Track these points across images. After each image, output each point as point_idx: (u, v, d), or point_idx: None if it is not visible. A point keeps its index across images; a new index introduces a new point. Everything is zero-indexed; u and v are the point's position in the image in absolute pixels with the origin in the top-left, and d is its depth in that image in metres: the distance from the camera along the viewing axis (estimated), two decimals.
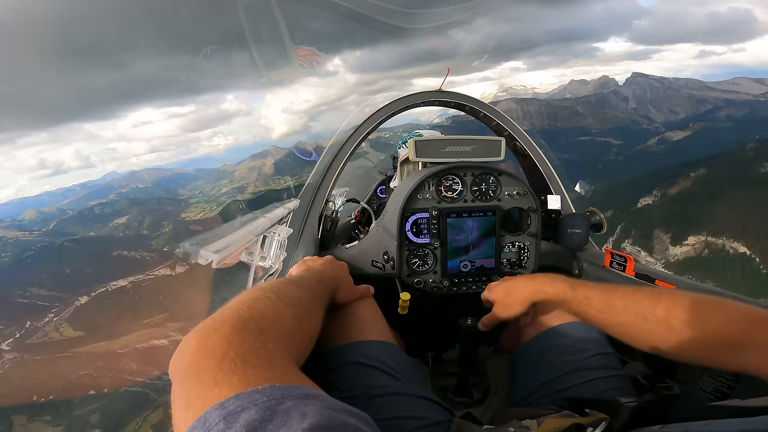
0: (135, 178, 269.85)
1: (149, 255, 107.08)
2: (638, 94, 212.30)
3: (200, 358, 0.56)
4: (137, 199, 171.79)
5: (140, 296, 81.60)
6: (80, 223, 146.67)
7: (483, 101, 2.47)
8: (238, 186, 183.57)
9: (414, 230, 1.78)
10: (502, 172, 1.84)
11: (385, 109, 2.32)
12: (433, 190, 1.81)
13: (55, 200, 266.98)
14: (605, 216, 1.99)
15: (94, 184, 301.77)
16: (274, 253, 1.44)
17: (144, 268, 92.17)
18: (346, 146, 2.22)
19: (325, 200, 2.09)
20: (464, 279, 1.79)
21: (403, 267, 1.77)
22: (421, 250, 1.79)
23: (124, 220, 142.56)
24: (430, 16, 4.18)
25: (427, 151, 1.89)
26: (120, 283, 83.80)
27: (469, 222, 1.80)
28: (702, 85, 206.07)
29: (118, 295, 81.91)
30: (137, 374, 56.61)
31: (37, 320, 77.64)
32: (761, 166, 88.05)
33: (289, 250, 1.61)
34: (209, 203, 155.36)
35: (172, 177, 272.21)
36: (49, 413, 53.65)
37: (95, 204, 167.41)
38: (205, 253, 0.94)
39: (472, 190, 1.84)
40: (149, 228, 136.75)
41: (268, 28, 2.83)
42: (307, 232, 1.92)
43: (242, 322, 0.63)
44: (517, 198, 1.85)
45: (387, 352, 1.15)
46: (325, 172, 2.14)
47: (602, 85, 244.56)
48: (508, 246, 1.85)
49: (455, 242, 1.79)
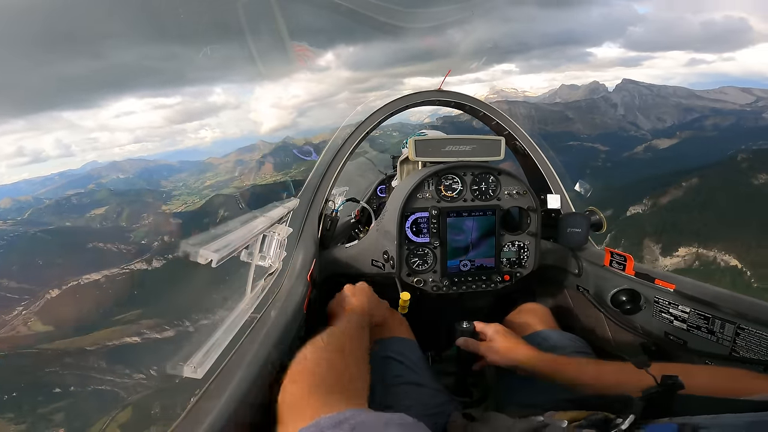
0: (116, 168, 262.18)
1: (126, 248, 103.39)
2: (627, 100, 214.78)
3: (291, 398, 0.84)
4: (117, 190, 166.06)
5: (114, 291, 78.23)
6: (56, 213, 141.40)
7: (482, 101, 2.48)
8: (223, 179, 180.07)
9: (414, 229, 1.78)
10: (502, 172, 1.86)
11: (385, 108, 2.32)
12: (433, 190, 1.81)
13: (33, 189, 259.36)
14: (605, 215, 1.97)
15: (74, 174, 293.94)
16: (274, 252, 1.43)
17: (119, 262, 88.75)
18: (346, 145, 2.21)
19: (325, 199, 2.09)
20: (464, 278, 1.80)
21: (403, 266, 1.78)
22: (421, 250, 1.80)
23: (102, 211, 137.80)
24: (428, 16, 3.74)
25: (427, 151, 1.89)
26: (93, 277, 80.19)
27: (469, 221, 1.80)
28: (690, 93, 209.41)
29: (91, 289, 78.37)
30: (107, 372, 54.09)
31: (5, 313, 74.08)
32: (754, 178, 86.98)
33: (289, 250, 1.60)
34: (192, 196, 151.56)
35: (155, 168, 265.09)
36: (12, 410, 50.83)
37: (73, 194, 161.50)
38: (205, 252, 0.94)
39: (471, 189, 1.85)
40: (128, 220, 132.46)
41: (263, 20, 2.89)
42: (307, 231, 1.90)
43: (314, 375, 0.90)
44: (516, 197, 1.87)
45: (407, 347, 1.45)
46: (325, 172, 2.13)
47: (592, 91, 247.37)
48: (508, 245, 1.86)
49: (455, 242, 1.80)
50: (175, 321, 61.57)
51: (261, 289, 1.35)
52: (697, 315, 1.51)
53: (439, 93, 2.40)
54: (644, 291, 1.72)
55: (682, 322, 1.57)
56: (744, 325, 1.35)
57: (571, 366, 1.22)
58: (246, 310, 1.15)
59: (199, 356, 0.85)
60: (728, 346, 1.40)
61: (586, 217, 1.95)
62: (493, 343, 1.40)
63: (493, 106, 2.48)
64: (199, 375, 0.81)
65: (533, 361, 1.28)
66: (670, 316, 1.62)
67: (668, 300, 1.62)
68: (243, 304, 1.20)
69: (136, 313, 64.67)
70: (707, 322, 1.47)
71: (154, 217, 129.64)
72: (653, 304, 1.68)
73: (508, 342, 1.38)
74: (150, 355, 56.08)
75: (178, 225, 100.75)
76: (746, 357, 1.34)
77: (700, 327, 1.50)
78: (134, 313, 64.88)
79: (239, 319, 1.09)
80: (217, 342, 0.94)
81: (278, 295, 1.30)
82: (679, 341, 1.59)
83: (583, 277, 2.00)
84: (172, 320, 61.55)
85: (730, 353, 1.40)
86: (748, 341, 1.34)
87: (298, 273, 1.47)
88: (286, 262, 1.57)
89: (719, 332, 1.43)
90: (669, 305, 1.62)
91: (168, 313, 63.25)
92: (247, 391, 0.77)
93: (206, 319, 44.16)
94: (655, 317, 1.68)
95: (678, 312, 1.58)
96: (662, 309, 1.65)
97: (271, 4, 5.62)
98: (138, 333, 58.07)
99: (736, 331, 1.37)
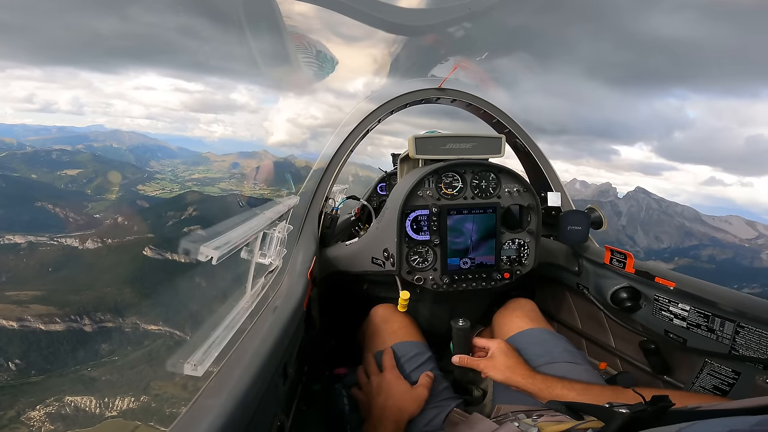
0: (115, 137, 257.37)
1: (74, 217, 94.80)
2: (633, 211, 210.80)
3: None
4: (101, 157, 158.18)
5: (28, 261, 68.52)
6: (29, 162, 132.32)
7: (483, 98, 2.47)
8: (212, 177, 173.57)
9: (414, 227, 1.77)
10: (502, 170, 1.86)
11: (385, 106, 2.31)
12: (434, 188, 1.80)
13: (25, 134, 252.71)
14: None
15: (72, 131, 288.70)
16: (274, 250, 1.46)
17: (55, 230, 79.53)
18: (346, 143, 2.22)
19: (325, 197, 2.09)
20: (464, 276, 1.79)
21: (403, 264, 1.77)
22: (421, 247, 1.79)
23: (74, 173, 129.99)
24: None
25: (428, 149, 1.88)
26: (15, 239, 71.02)
27: (469, 219, 1.80)
28: (696, 216, 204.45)
29: (5, 251, 68.92)
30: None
31: None
32: None
33: (289, 247, 1.61)
34: (173, 184, 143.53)
35: (152, 147, 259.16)
36: None
37: (57, 149, 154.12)
38: (206, 249, 0.95)
39: (472, 187, 1.85)
40: (96, 189, 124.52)
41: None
42: (308, 229, 1.92)
43: None
44: (516, 195, 1.86)
45: (416, 348, 1.60)
46: (325, 170, 2.14)
47: (602, 193, 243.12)
48: (508, 243, 1.85)
49: (455, 239, 1.79)
50: (72, 315, 51.94)
51: (261, 286, 1.35)
52: (697, 313, 1.52)
53: (439, 91, 2.40)
54: (644, 289, 1.74)
55: (681, 320, 1.58)
56: (744, 323, 1.37)
57: (562, 387, 1.30)
58: (246, 308, 1.17)
59: (199, 354, 0.86)
60: (728, 345, 1.42)
61: (587, 215, 1.95)
62: (494, 360, 1.44)
63: (494, 105, 2.47)
64: (200, 373, 0.82)
65: (528, 384, 1.34)
66: (670, 314, 1.63)
67: (668, 298, 1.63)
68: (243, 301, 1.21)
69: (33, 294, 54.83)
70: (707, 320, 1.49)
71: (122, 194, 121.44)
72: (653, 302, 1.69)
73: (508, 360, 1.42)
74: (20, 347, 46.53)
75: (140, 209, 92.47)
76: (745, 355, 1.37)
77: (700, 325, 1.51)
78: (31, 293, 55.02)
79: (239, 316, 1.11)
80: (217, 340, 0.95)
81: (278, 293, 1.32)
82: (679, 339, 1.61)
83: (583, 274, 2.02)
84: (69, 312, 51.99)
85: (729, 351, 1.41)
86: (747, 339, 1.36)
87: (298, 271, 1.47)
88: (287, 259, 1.57)
89: (719, 330, 1.45)
90: (669, 303, 1.63)
91: (71, 303, 53.56)
92: (247, 388, 0.76)
93: (94, 319, 32.27)
94: (655, 315, 1.69)
95: (678, 310, 1.59)
96: (662, 307, 1.66)
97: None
98: (18, 317, 48.13)
99: (736, 330, 1.39)
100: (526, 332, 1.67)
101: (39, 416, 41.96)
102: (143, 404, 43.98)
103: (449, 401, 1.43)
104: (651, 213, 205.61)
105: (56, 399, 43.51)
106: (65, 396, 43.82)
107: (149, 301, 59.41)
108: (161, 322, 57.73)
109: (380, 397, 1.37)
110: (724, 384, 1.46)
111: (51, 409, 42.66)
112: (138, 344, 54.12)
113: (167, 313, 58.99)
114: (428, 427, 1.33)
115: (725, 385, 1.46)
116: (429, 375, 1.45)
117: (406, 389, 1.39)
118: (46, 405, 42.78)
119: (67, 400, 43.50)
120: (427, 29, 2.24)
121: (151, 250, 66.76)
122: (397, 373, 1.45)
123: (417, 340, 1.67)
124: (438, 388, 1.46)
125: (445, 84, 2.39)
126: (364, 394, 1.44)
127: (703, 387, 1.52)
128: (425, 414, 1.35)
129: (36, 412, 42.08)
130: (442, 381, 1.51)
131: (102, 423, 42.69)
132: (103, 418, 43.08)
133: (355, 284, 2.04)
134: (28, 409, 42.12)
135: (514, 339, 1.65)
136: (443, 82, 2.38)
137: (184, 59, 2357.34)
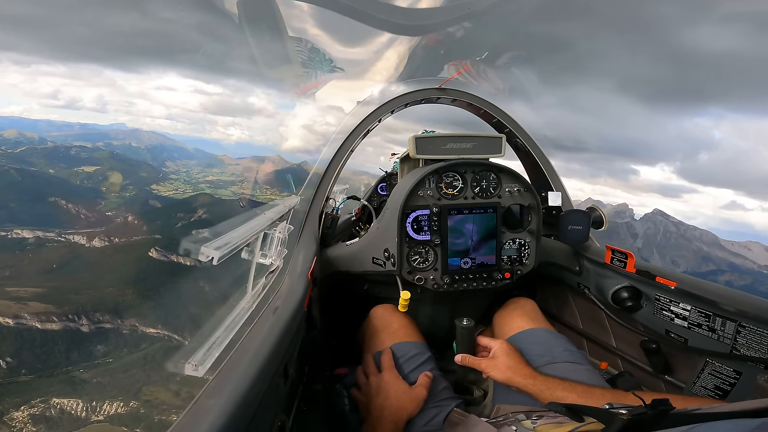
0: (135, 135, 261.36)
1: (86, 214, 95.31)
2: (650, 233, 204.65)
3: None
4: (119, 155, 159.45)
5: (33, 257, 68.81)
6: (49, 157, 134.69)
7: (483, 98, 2.47)
8: (225, 180, 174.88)
9: (415, 227, 1.78)
10: (503, 169, 1.86)
11: (385, 106, 2.31)
12: (434, 187, 1.81)
13: (48, 130, 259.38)
14: None
15: (95, 128, 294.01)
16: (275, 250, 1.47)
17: (65, 226, 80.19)
18: (346, 143, 2.21)
19: (326, 197, 2.09)
20: (465, 276, 1.79)
21: (404, 264, 1.77)
22: (422, 247, 1.79)
23: (91, 170, 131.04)
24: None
25: (428, 149, 1.88)
26: (24, 234, 71.70)
27: (470, 219, 1.80)
28: (714, 241, 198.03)
29: (12, 246, 69.52)
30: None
31: None
32: None
33: (290, 248, 1.62)
34: (186, 185, 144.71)
35: (170, 147, 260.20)
36: None
37: (77, 145, 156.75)
38: (207, 250, 0.96)
39: (472, 187, 1.85)
40: (110, 186, 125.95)
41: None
42: (308, 229, 1.92)
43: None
44: (517, 195, 1.86)
45: (415, 348, 1.59)
46: (326, 170, 2.14)
47: (618, 214, 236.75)
48: (509, 243, 1.85)
49: (456, 239, 1.79)
50: (70, 315, 51.61)
51: (262, 287, 1.36)
52: (698, 313, 1.52)
53: (440, 91, 2.40)
54: (645, 289, 1.73)
55: (683, 320, 1.58)
56: (745, 323, 1.37)
57: (563, 388, 1.30)
58: (247, 308, 1.18)
59: (200, 354, 0.87)
60: (729, 344, 1.42)
61: (587, 214, 1.95)
62: (496, 360, 1.44)
63: (495, 104, 2.47)
64: (200, 373, 0.82)
65: (529, 385, 1.34)
66: (671, 314, 1.63)
67: (669, 298, 1.63)
68: (244, 302, 1.22)
69: (34, 291, 54.77)
70: (708, 319, 1.49)
71: (136, 193, 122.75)
72: (654, 302, 1.69)
73: (510, 361, 1.42)
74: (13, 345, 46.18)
75: (152, 209, 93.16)
76: (747, 355, 1.37)
77: (701, 325, 1.51)
78: (32, 290, 54.98)
79: (240, 317, 1.12)
80: (218, 340, 0.95)
81: (279, 293, 1.31)
82: (680, 339, 1.61)
83: (584, 274, 2.02)
84: (67, 311, 51.68)
85: (730, 351, 1.41)
86: (748, 339, 1.36)
87: (299, 271, 1.47)
88: (287, 260, 1.58)
89: (720, 330, 1.45)
90: (670, 303, 1.63)
91: (69, 302, 53.29)
92: (248, 388, 0.76)
93: (92, 320, 30.73)
94: (656, 315, 1.69)
95: (679, 310, 1.59)
96: (663, 306, 1.66)
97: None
98: (15, 314, 47.90)
99: (737, 329, 1.39)
100: (527, 332, 1.67)
101: (22, 417, 41.03)
102: (132, 410, 42.96)
103: (449, 401, 1.43)
104: (669, 236, 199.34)
105: (42, 400, 42.63)
106: (52, 397, 42.95)
107: (150, 304, 58.90)
108: (160, 325, 57.10)
109: (379, 398, 1.37)
110: (725, 384, 1.46)
111: (35, 411, 41.74)
112: (134, 347, 53.42)
113: (167, 317, 58.38)
114: (428, 427, 1.33)
115: (726, 384, 1.45)
116: (428, 375, 1.45)
117: (404, 389, 1.39)
118: (32, 406, 41.93)
119: (53, 401, 42.62)
120: (430, 28, 2.08)
121: (157, 251, 66.25)
122: (395, 373, 1.44)
123: (417, 340, 1.66)
124: (437, 388, 1.45)
125: (445, 84, 2.39)
126: (363, 395, 1.44)
127: (704, 387, 1.52)
128: (424, 414, 1.35)
129: (20, 412, 41.21)
130: (441, 381, 1.50)
131: (86, 427, 41.68)
132: (87, 422, 42.09)
133: (356, 284, 2.03)
134: (12, 409, 41.25)
135: (515, 339, 1.64)
136: (445, 82, 2.38)
137: (204, 60, 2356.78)
